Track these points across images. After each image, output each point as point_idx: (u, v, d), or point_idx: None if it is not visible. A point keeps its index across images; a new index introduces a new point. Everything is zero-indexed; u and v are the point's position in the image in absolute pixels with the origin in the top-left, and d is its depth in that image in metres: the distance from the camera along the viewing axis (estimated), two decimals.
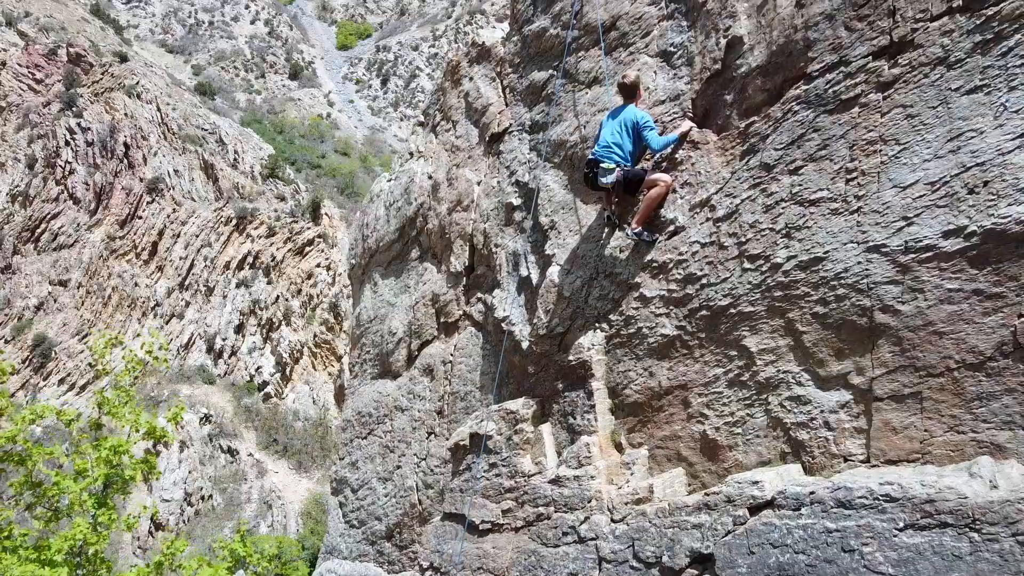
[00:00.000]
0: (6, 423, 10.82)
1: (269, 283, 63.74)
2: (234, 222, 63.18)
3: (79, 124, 60.38)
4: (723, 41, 7.58)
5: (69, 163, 60.17)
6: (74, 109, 61.61)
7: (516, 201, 10.10)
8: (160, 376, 57.34)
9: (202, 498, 49.57)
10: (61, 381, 55.41)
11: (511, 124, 10.71)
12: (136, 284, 59.73)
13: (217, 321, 61.34)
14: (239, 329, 61.96)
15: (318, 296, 65.29)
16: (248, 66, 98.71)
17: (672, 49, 8.30)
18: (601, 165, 8.02)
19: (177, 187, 63.74)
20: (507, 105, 10.98)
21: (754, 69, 7.24)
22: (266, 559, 10.64)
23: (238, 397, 57.72)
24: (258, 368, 60.78)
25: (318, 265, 66.17)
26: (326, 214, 70.73)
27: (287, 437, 55.89)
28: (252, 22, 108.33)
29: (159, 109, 64.89)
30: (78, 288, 58.60)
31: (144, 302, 59.73)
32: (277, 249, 64.30)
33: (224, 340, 60.52)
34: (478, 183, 11.03)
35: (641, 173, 8.12)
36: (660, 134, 8.01)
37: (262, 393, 59.04)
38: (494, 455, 8.84)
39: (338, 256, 68.69)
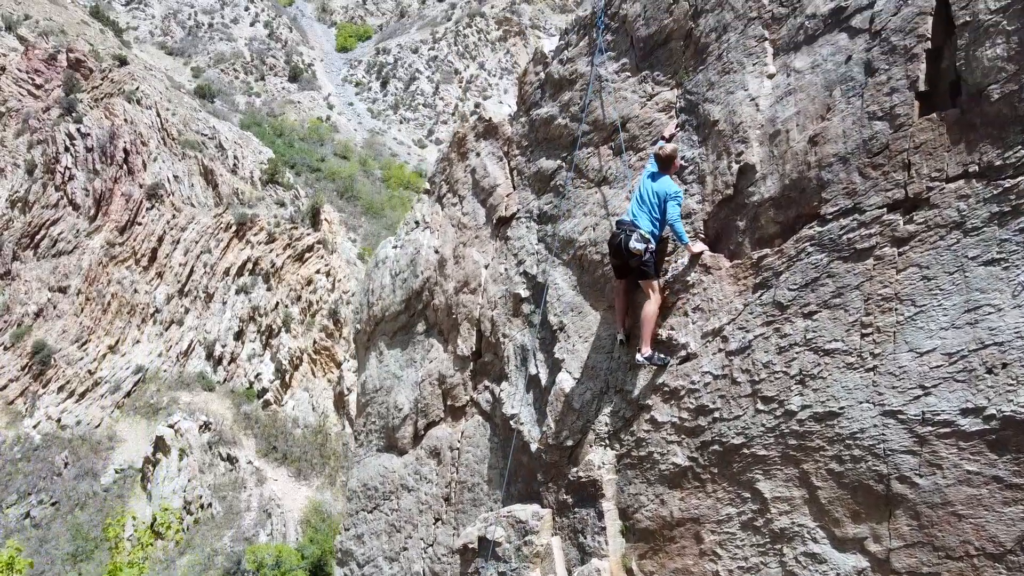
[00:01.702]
0: None
1: (269, 289, 63.68)
2: (234, 228, 63.12)
3: (79, 130, 60.27)
4: (735, 166, 7.53)
5: (69, 169, 60.07)
6: (74, 114, 61.47)
7: (524, 293, 10.06)
8: (160, 383, 57.40)
9: (201, 506, 49.63)
10: (60, 389, 55.39)
11: (519, 209, 10.67)
12: (135, 291, 59.71)
13: (216, 328, 61.35)
14: (238, 336, 61.94)
15: (318, 302, 65.19)
16: (248, 68, 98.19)
17: (683, 163, 8.25)
18: (637, 227, 7.96)
19: (177, 193, 63.67)
20: (515, 188, 10.94)
21: (767, 200, 7.20)
22: None
23: (237, 404, 57.78)
24: (257, 375, 60.75)
25: (318, 271, 66.07)
26: (326, 219, 70.62)
27: (286, 444, 55.92)
28: (252, 24, 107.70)
29: (159, 114, 64.74)
30: (77, 295, 58.55)
31: (143, 308, 59.74)
32: (277, 255, 64.22)
33: (224, 347, 60.51)
34: (485, 266, 10.99)
35: (655, 267, 8.06)
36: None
37: (261, 400, 59.04)
38: (503, 563, 8.82)
39: (337, 262, 68.60)
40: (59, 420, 54.25)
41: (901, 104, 6.27)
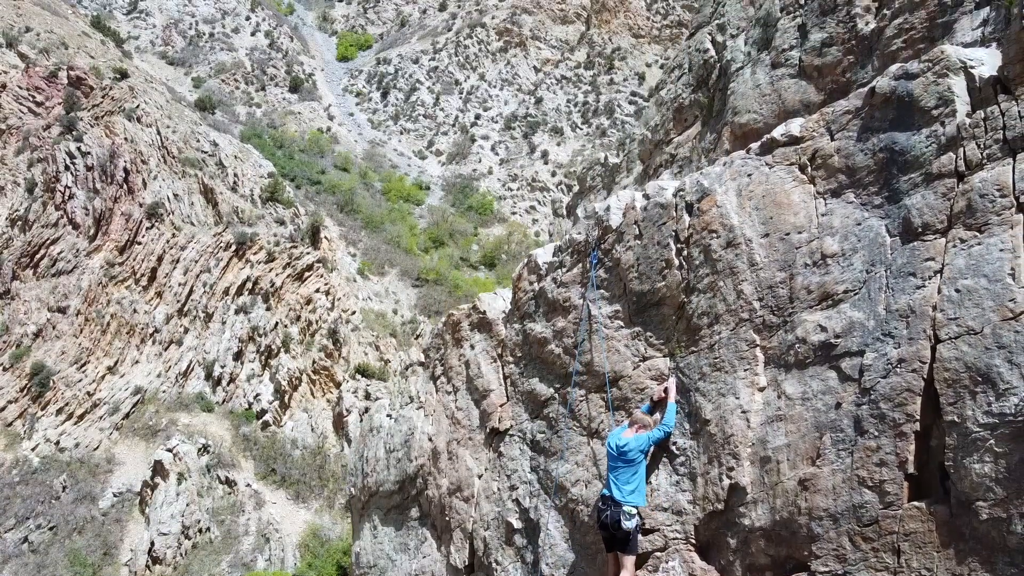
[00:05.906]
0: None
1: (268, 309, 63.72)
2: (233, 247, 63.17)
3: (79, 148, 60.16)
4: (726, 481, 7.51)
5: (69, 188, 59.98)
6: (74, 133, 61.35)
7: (517, 524, 10.07)
8: (159, 404, 57.50)
9: (199, 531, 49.84)
10: (59, 411, 55.46)
11: (512, 425, 10.65)
12: (135, 311, 59.68)
13: (216, 348, 61.44)
14: (238, 356, 61.98)
15: (317, 322, 65.24)
16: (248, 78, 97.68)
17: (675, 451, 8.22)
18: (623, 507, 8.02)
19: (176, 212, 63.61)
20: (508, 399, 10.90)
21: (757, 529, 7.18)
22: None
23: (236, 425, 57.89)
24: (256, 396, 60.80)
25: (317, 290, 66.10)
26: (326, 238, 70.65)
27: (285, 467, 55.99)
28: (253, 34, 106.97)
29: (159, 132, 64.67)
30: (77, 315, 58.54)
31: (143, 329, 59.72)
32: (276, 275, 64.24)
33: (223, 367, 60.58)
34: (479, 476, 10.99)
35: (637, 543, 8.14)
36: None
37: (260, 421, 59.15)
38: None
39: (337, 280, 68.63)
40: (58, 443, 54.37)
41: (890, 481, 6.25)
